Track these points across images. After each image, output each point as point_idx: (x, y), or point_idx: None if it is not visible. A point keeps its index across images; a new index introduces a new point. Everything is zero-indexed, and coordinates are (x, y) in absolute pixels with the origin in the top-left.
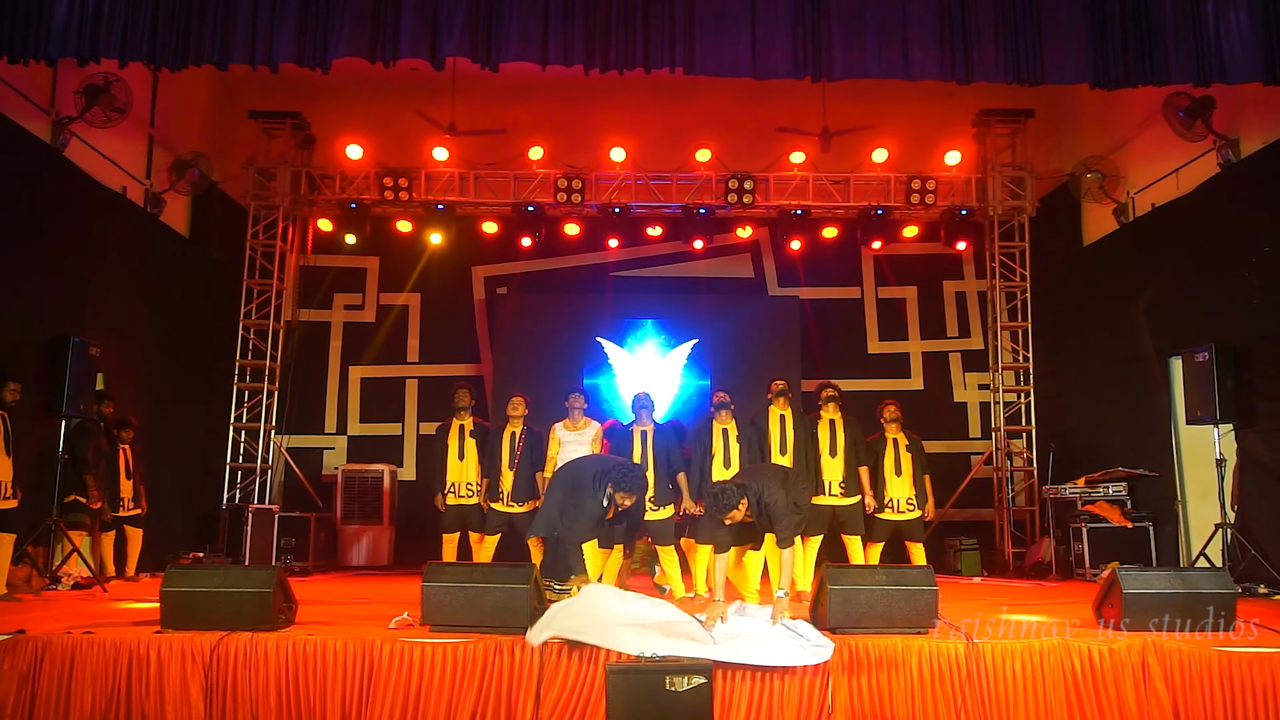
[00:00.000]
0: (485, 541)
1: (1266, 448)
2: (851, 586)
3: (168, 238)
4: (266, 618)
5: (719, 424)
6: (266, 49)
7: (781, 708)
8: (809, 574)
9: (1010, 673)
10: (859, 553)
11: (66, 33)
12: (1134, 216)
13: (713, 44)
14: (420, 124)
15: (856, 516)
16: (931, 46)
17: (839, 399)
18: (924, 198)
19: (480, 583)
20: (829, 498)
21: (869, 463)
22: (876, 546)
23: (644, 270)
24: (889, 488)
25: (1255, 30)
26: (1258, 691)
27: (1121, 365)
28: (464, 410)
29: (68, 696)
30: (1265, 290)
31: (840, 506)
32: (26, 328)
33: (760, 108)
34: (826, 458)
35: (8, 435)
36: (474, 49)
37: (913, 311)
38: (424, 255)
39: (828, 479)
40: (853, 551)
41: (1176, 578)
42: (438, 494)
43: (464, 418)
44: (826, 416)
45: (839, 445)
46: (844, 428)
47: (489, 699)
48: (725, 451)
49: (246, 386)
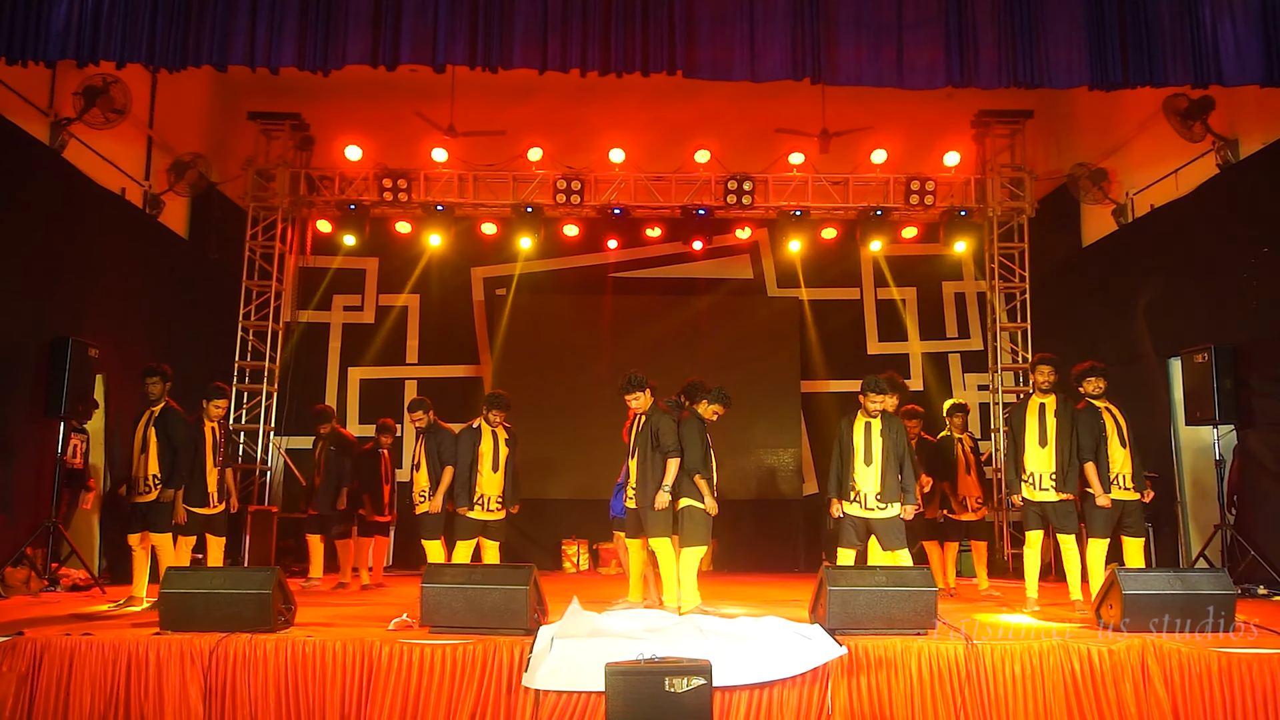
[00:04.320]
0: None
1: (1266, 448)
2: (851, 588)
3: (167, 239)
4: (265, 619)
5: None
6: (267, 51)
7: (781, 708)
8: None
9: (1010, 674)
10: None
11: (65, 34)
12: (1133, 217)
13: (711, 47)
14: (419, 125)
15: (894, 529)
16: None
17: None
18: (923, 199)
19: (480, 584)
20: (862, 510)
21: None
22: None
23: (643, 271)
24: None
25: (1252, 32)
26: (1258, 692)
27: (1121, 366)
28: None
29: (67, 698)
30: (1265, 290)
31: (874, 520)
32: (26, 328)
33: (759, 109)
34: (861, 465)
35: (215, 447)
36: (474, 54)
37: (912, 312)
38: (423, 256)
39: (861, 488)
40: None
41: (1176, 578)
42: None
43: (497, 424)
44: (863, 419)
45: (874, 451)
46: (882, 430)
47: (489, 699)
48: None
49: (245, 388)
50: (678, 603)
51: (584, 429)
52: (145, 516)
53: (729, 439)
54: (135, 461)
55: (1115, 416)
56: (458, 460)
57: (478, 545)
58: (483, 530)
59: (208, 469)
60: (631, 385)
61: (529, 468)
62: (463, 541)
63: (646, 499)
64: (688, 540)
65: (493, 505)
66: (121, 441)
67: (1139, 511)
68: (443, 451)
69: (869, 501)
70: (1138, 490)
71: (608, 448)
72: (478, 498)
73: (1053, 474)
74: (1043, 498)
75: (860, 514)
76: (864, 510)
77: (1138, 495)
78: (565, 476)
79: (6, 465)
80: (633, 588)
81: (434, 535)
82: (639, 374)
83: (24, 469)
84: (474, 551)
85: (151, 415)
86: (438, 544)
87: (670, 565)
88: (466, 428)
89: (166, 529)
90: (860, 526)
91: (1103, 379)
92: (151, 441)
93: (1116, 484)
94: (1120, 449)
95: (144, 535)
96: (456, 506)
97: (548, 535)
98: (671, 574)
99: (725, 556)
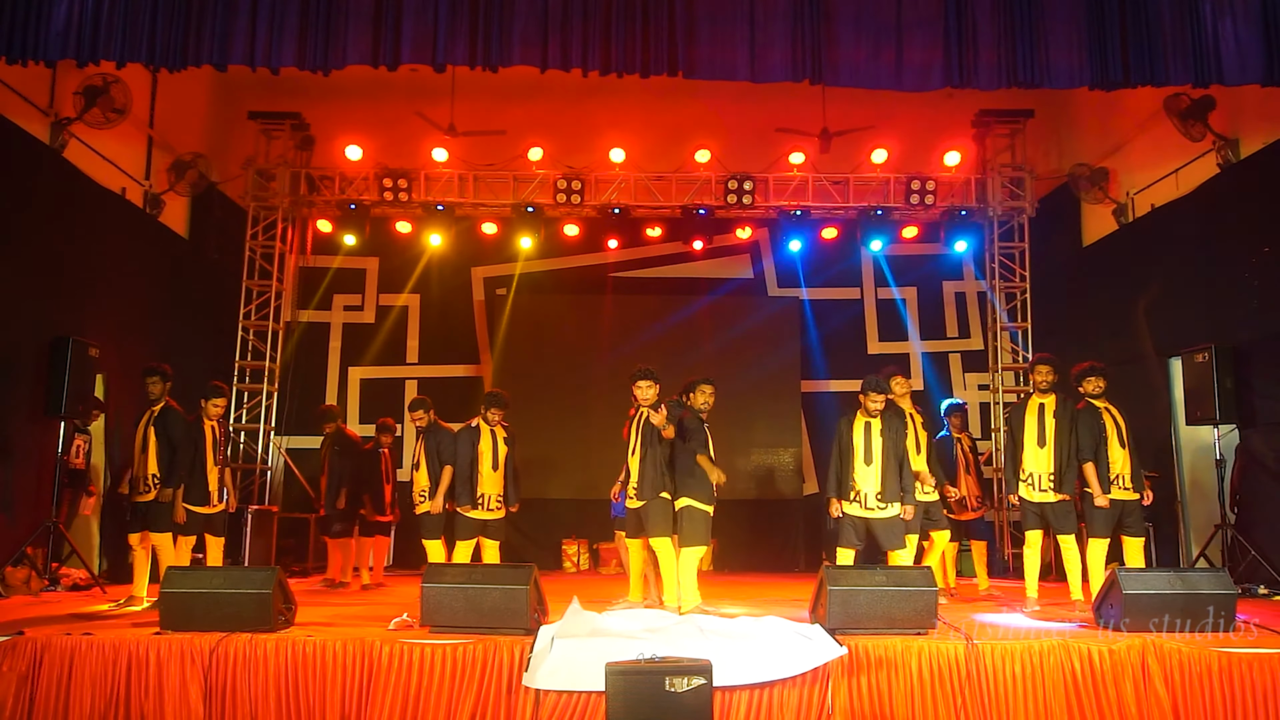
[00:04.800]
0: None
1: (1268, 448)
2: (851, 587)
3: (167, 238)
4: (266, 619)
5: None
6: (267, 51)
7: (781, 708)
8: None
9: (1010, 673)
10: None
11: (66, 34)
12: (1134, 217)
13: (711, 47)
14: (420, 125)
15: (894, 529)
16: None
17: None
18: (923, 198)
19: (480, 583)
20: (862, 509)
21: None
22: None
23: (644, 271)
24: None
25: (1253, 31)
26: (1258, 692)
27: (1121, 366)
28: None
29: (67, 698)
30: (1265, 290)
31: (875, 520)
32: (26, 328)
33: (760, 108)
34: (861, 464)
35: (215, 445)
36: (474, 53)
37: (913, 312)
38: (423, 256)
39: (861, 488)
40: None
41: (1177, 578)
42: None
43: (495, 423)
44: (863, 418)
45: (874, 451)
46: (882, 429)
47: (489, 699)
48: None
49: (246, 387)
50: (678, 602)
51: (584, 429)
52: (145, 516)
53: (729, 439)
54: (135, 461)
55: (1115, 417)
56: (457, 459)
57: (477, 545)
58: (482, 530)
59: (208, 468)
60: (645, 375)
61: (529, 467)
62: (463, 541)
63: (648, 496)
64: (687, 540)
65: (492, 504)
66: (122, 441)
67: (1139, 511)
68: (442, 451)
69: (869, 501)
70: (1137, 490)
71: (608, 447)
72: (478, 497)
73: (1051, 474)
74: (1041, 498)
75: (860, 514)
76: (864, 510)
77: (1137, 495)
78: (565, 476)
79: (6, 465)
80: (633, 587)
81: (434, 535)
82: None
83: (24, 469)
84: (474, 551)
85: (151, 415)
86: (438, 543)
87: (670, 565)
88: (465, 427)
89: (166, 529)
90: (860, 526)
91: (1102, 379)
92: (151, 441)
93: (1116, 484)
94: (1120, 449)
95: (144, 535)
96: (458, 505)
97: (548, 535)
98: (671, 574)
99: (725, 556)
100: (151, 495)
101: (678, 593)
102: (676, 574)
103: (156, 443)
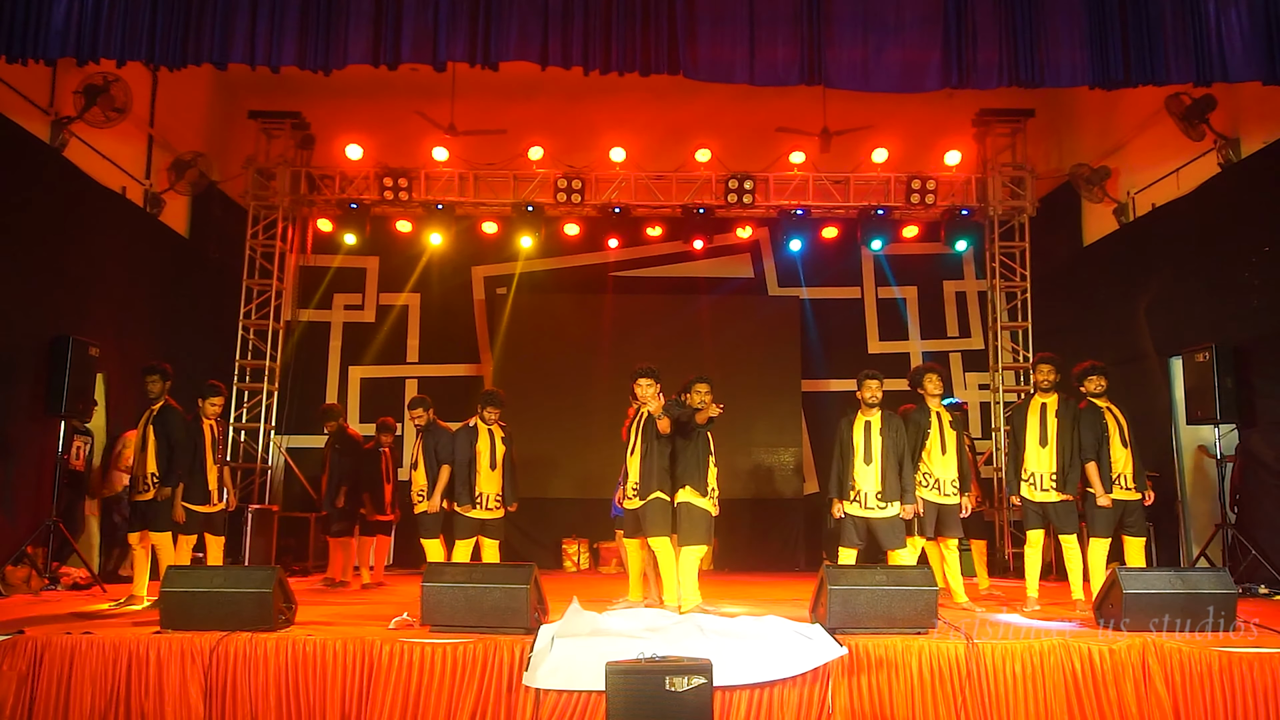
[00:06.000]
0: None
1: (1268, 447)
2: (851, 587)
3: (167, 238)
4: (266, 618)
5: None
6: (267, 50)
7: (782, 708)
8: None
9: (1010, 673)
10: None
11: (66, 32)
12: (1134, 216)
13: (711, 47)
14: (420, 124)
15: (894, 528)
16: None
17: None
18: (924, 198)
19: (480, 583)
20: (862, 508)
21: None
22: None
23: (644, 270)
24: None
25: (1255, 29)
26: (1258, 691)
27: (1122, 365)
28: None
29: (67, 697)
30: (1266, 290)
31: (875, 519)
32: (26, 327)
33: (760, 108)
34: (860, 464)
35: (214, 444)
36: (474, 52)
37: (913, 311)
38: (424, 255)
39: (861, 488)
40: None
41: (1177, 578)
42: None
43: (492, 423)
44: (863, 418)
45: (874, 450)
46: (882, 429)
47: (489, 698)
48: None
49: (246, 387)
50: (678, 602)
51: (584, 428)
52: (144, 515)
53: (729, 439)
54: (136, 460)
55: (1116, 416)
56: (455, 458)
57: (477, 544)
58: (481, 529)
59: (208, 467)
60: (646, 373)
61: (529, 466)
62: (462, 540)
63: (646, 495)
64: (687, 539)
65: (491, 504)
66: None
67: (1140, 511)
68: (439, 450)
69: (869, 501)
70: (1138, 490)
71: (608, 447)
72: (476, 496)
73: (1053, 474)
74: (1043, 498)
75: (860, 513)
76: (864, 510)
77: (1139, 495)
78: (566, 475)
79: (7, 464)
80: (633, 587)
81: (432, 534)
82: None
83: (24, 468)
84: (473, 550)
85: (151, 414)
86: (437, 543)
87: (669, 564)
88: (463, 426)
89: (166, 528)
90: (861, 526)
91: (1104, 378)
92: (150, 440)
93: (1118, 484)
94: (1121, 449)
95: (144, 534)
96: (456, 505)
97: (548, 534)
98: (671, 573)
99: (725, 556)
100: (150, 494)
101: (678, 592)
102: (676, 573)
103: (155, 442)
